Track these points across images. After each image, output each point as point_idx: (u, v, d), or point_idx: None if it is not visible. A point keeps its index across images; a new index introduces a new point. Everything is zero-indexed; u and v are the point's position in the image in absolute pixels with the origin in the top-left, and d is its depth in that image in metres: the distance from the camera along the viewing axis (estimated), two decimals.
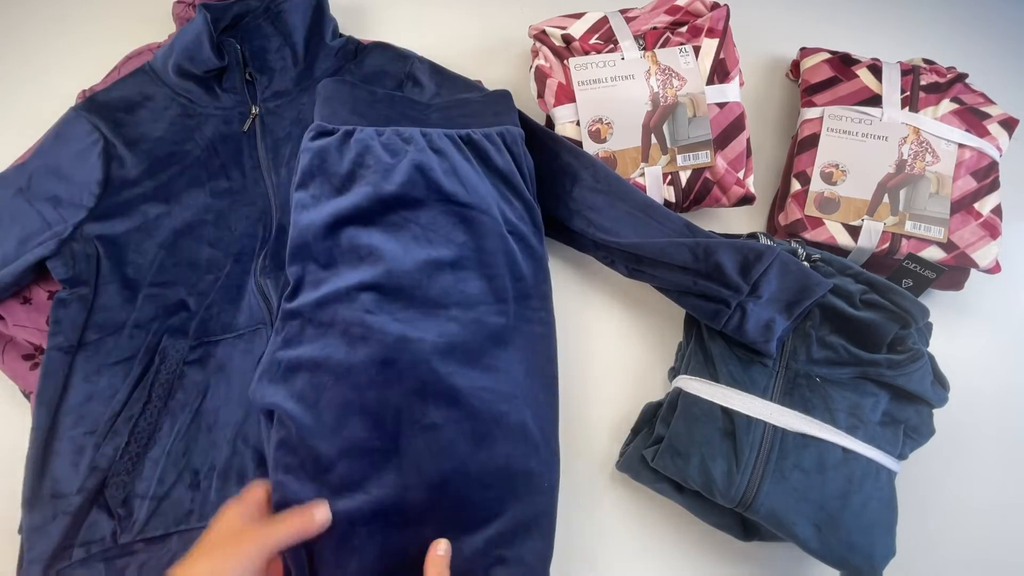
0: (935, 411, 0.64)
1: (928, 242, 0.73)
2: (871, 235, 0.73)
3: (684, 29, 0.79)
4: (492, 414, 0.58)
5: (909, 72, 0.79)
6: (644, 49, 0.77)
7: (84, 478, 0.59)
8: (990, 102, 0.79)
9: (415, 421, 0.57)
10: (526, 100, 0.80)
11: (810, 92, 0.81)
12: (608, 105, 0.75)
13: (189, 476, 0.61)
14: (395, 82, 0.79)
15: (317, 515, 0.51)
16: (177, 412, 0.63)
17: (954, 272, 0.75)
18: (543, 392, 0.64)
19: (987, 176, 0.75)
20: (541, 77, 0.77)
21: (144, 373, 0.64)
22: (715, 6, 0.79)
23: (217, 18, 0.75)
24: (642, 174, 0.75)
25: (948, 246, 0.73)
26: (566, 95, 0.76)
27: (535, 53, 0.80)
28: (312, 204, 0.63)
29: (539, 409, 0.62)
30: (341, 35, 0.82)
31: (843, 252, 0.74)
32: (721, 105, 0.76)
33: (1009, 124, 0.77)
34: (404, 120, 0.69)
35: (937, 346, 0.66)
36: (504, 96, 0.73)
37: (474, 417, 0.58)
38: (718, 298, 0.66)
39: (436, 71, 0.81)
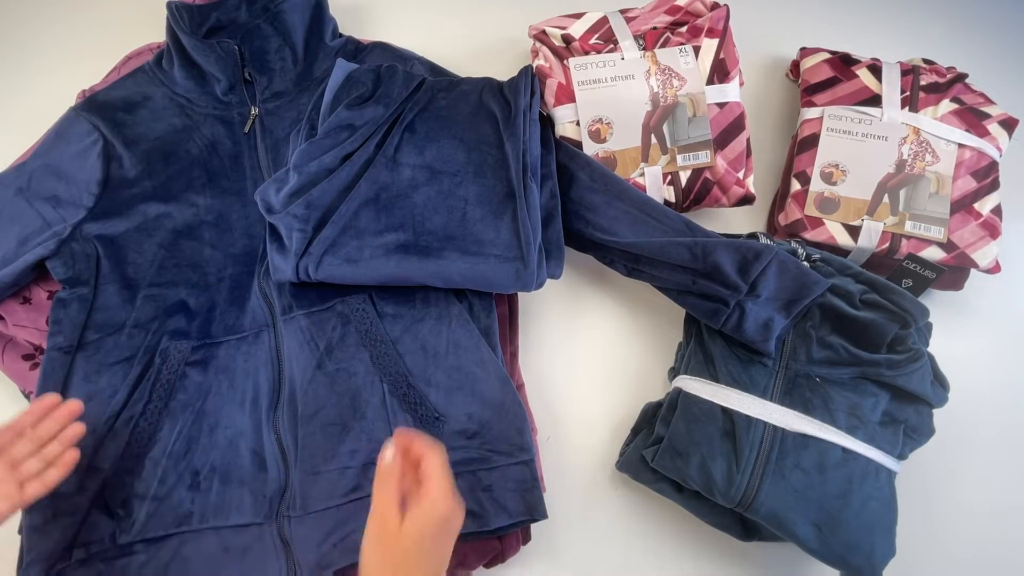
0: (935, 411, 0.64)
1: (928, 242, 0.73)
2: (871, 235, 0.73)
3: (684, 29, 0.79)
4: None
5: (909, 72, 0.79)
6: (644, 49, 0.77)
7: (84, 478, 0.59)
8: (990, 102, 0.78)
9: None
10: None
11: (810, 92, 0.80)
12: (608, 105, 0.75)
13: (189, 477, 0.61)
14: None
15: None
16: (178, 413, 0.63)
17: (954, 272, 0.75)
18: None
19: (987, 176, 0.75)
20: (541, 77, 0.77)
21: (144, 373, 0.64)
22: (715, 6, 0.79)
23: (200, 22, 0.76)
24: (642, 174, 0.75)
25: (948, 246, 0.73)
26: (566, 95, 0.76)
27: (535, 53, 0.80)
28: None
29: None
30: (341, 35, 0.82)
31: (843, 252, 0.74)
32: (721, 105, 0.76)
33: (1009, 124, 0.77)
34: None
35: (937, 346, 0.66)
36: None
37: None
38: (717, 297, 0.66)
39: (436, 71, 0.81)
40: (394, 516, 0.44)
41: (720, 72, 0.77)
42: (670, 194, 0.76)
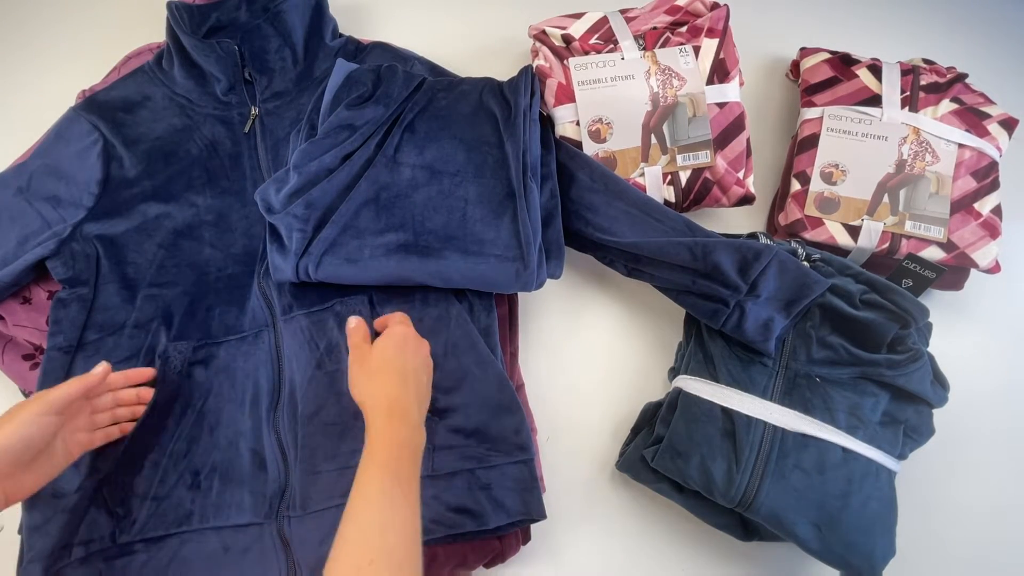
0: (935, 411, 0.64)
1: (928, 242, 0.73)
2: (871, 235, 0.73)
3: (684, 29, 0.79)
4: None
5: (909, 72, 0.79)
6: (644, 49, 0.77)
7: (84, 477, 0.59)
8: (990, 102, 0.78)
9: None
10: None
11: (810, 92, 0.80)
12: (608, 105, 0.75)
13: (190, 477, 0.61)
14: None
15: (96, 370, 0.57)
16: (179, 413, 0.63)
17: (954, 272, 0.75)
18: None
19: (987, 176, 0.75)
20: (541, 77, 0.77)
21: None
22: (715, 6, 0.79)
23: (199, 22, 0.76)
24: (642, 174, 0.75)
25: (948, 246, 0.73)
26: (566, 95, 0.76)
27: (535, 53, 0.80)
28: None
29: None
30: (341, 35, 0.82)
31: (843, 252, 0.74)
32: (721, 105, 0.76)
33: (1009, 124, 0.77)
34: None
35: (937, 346, 0.66)
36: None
37: None
38: (717, 297, 0.66)
39: (436, 71, 0.81)
40: (366, 346, 0.57)
41: (720, 72, 0.77)
42: (670, 194, 0.76)
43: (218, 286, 0.68)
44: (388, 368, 0.55)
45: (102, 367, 0.57)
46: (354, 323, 0.61)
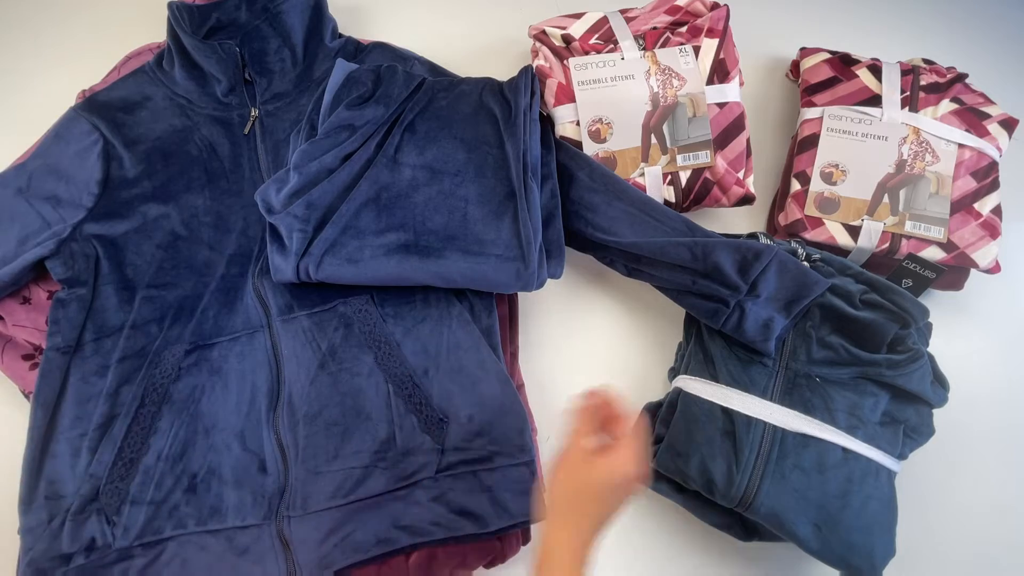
0: (935, 411, 0.64)
1: (928, 242, 0.73)
2: (871, 235, 0.73)
3: (684, 29, 0.79)
4: None
5: (909, 72, 0.79)
6: (644, 49, 0.77)
7: (81, 482, 0.59)
8: (990, 102, 0.79)
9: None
10: None
11: (810, 92, 0.80)
12: (608, 105, 0.75)
13: (187, 480, 0.61)
14: None
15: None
16: (174, 416, 0.63)
17: (954, 272, 0.75)
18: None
19: (987, 176, 0.75)
20: (541, 77, 0.77)
21: (140, 376, 0.64)
22: (715, 6, 0.79)
23: (200, 23, 0.76)
24: (642, 174, 0.75)
25: (948, 246, 0.73)
26: (566, 95, 0.76)
27: (535, 53, 0.80)
28: None
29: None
30: (341, 35, 0.82)
31: (843, 252, 0.74)
32: (721, 105, 0.76)
33: (1009, 124, 0.77)
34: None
35: (937, 346, 0.66)
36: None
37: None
38: (717, 297, 0.66)
39: (436, 71, 0.81)
40: (588, 455, 0.48)
41: (720, 72, 0.77)
42: (670, 194, 0.76)
43: (214, 288, 0.68)
44: (596, 507, 0.47)
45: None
46: (581, 402, 0.52)
